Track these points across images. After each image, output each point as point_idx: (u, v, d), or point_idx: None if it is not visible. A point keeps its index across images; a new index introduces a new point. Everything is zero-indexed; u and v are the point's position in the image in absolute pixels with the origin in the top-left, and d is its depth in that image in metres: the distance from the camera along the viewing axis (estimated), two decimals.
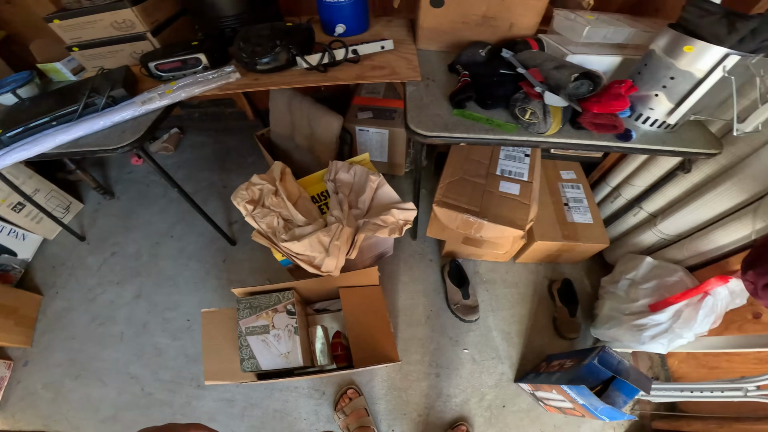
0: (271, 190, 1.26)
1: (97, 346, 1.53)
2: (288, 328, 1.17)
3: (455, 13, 1.22)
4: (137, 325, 1.58)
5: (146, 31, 1.31)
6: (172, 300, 1.62)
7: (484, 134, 1.02)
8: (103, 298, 1.65)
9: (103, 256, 1.77)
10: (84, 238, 1.85)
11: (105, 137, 1.08)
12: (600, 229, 1.48)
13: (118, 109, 1.12)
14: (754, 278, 0.85)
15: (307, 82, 1.21)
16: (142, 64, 1.25)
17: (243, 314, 1.19)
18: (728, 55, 0.83)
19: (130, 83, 1.24)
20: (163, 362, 1.48)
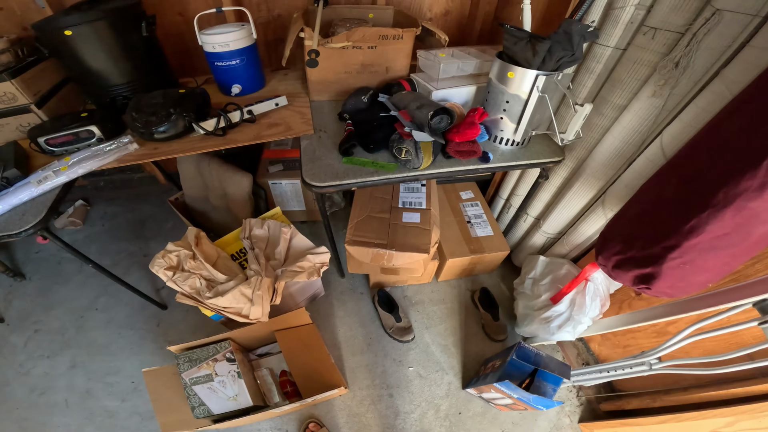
0: (188, 255, 1.29)
1: (44, 414, 1.47)
2: (231, 374, 1.25)
3: (337, 65, 1.37)
4: (80, 391, 1.53)
5: (30, 104, 1.28)
6: (111, 366, 1.59)
7: (370, 176, 1.13)
8: (36, 371, 1.59)
9: (26, 334, 1.69)
10: (2, 320, 1.75)
11: (5, 222, 1.05)
12: (500, 239, 1.65)
13: (14, 191, 1.08)
14: (604, 261, 1.00)
15: (207, 147, 1.25)
16: (30, 140, 1.20)
17: (184, 368, 1.23)
18: (538, 76, 1.01)
19: (21, 161, 1.19)
20: (117, 423, 1.45)
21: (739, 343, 0.98)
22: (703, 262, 0.77)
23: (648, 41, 0.95)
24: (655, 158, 1.00)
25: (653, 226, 0.84)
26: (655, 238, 0.82)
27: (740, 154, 0.66)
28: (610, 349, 1.45)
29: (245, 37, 1.39)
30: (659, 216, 0.82)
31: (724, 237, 0.71)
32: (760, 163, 0.61)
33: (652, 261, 0.84)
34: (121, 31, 1.27)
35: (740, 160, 0.65)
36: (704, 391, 1.05)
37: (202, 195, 1.79)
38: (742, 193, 0.65)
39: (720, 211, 0.68)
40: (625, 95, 1.05)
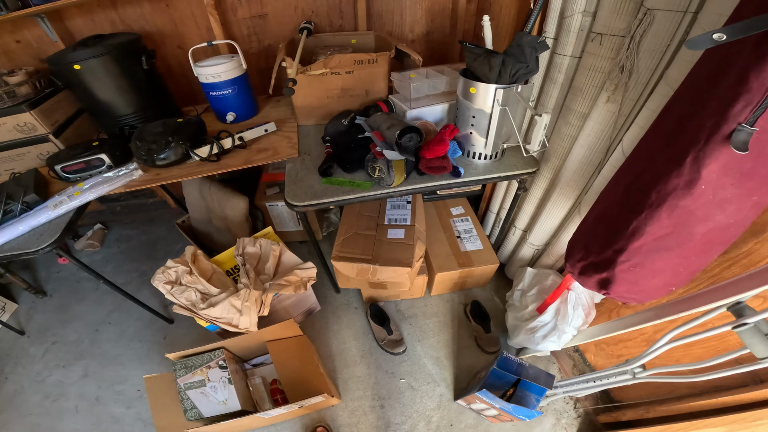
0: (185, 270, 1.40)
1: (55, 419, 1.57)
2: (222, 380, 1.32)
3: (318, 90, 1.45)
4: (90, 399, 1.62)
5: (48, 133, 1.41)
6: (120, 375, 1.69)
7: (347, 195, 1.19)
8: (51, 379, 1.70)
9: (44, 346, 1.82)
10: (23, 333, 1.89)
11: (25, 241, 1.17)
12: (489, 253, 1.66)
13: (33, 214, 1.21)
14: (571, 269, 1.01)
15: (203, 172, 1.35)
16: (48, 167, 1.33)
17: (180, 374, 1.32)
18: (497, 90, 1.05)
19: (41, 186, 1.32)
20: (122, 428, 1.53)
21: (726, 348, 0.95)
22: (651, 264, 0.77)
23: (597, 47, 0.98)
24: (619, 163, 0.99)
25: (606, 230, 0.85)
26: (608, 242, 0.83)
27: (669, 153, 0.67)
28: (605, 359, 1.42)
29: (235, 68, 1.49)
30: (610, 219, 0.84)
31: (666, 237, 0.72)
32: (684, 160, 0.63)
33: (606, 265, 0.85)
34: (124, 65, 1.39)
35: (669, 160, 0.67)
36: (697, 400, 1.02)
37: (205, 217, 1.90)
38: (671, 191, 0.66)
39: (655, 210, 0.70)
40: (586, 103, 1.08)
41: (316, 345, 1.68)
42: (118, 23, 1.55)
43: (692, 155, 0.61)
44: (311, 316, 1.81)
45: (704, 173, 0.60)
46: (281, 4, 1.61)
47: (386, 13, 1.71)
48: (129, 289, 1.54)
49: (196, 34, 1.64)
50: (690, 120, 0.64)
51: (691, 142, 0.62)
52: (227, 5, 1.58)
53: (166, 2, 1.53)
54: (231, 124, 1.60)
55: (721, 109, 0.56)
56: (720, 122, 0.56)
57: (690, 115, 0.64)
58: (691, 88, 0.66)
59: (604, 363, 1.43)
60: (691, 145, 0.61)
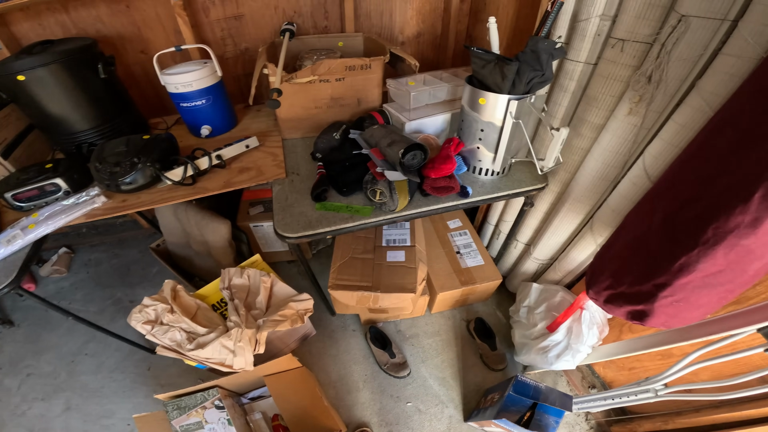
0: (165, 308, 1.25)
1: None
2: (221, 421, 1.22)
3: (305, 100, 1.31)
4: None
5: None
6: (105, 409, 1.57)
7: (345, 223, 1.06)
8: (31, 413, 1.58)
9: (19, 378, 1.69)
10: None
11: None
12: (491, 268, 1.58)
13: None
14: (595, 296, 0.94)
15: (176, 198, 1.19)
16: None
17: (173, 415, 1.20)
18: (510, 101, 0.95)
19: None
20: None
21: (749, 364, 0.92)
22: (696, 299, 0.71)
23: (617, 54, 0.90)
24: (640, 181, 0.94)
25: (642, 261, 0.77)
26: (645, 275, 0.76)
27: (728, 184, 0.59)
28: (615, 372, 1.39)
29: (209, 76, 1.33)
30: (647, 250, 0.76)
31: (718, 275, 0.65)
32: (751, 196, 0.55)
33: (643, 299, 0.78)
34: (77, 74, 1.21)
35: (728, 191, 0.59)
36: (718, 413, 0.99)
37: (183, 241, 1.74)
38: (733, 229, 0.59)
39: (711, 249, 0.62)
40: (602, 114, 1.00)
41: (314, 371, 1.58)
42: (70, 27, 1.36)
43: (762, 191, 0.53)
44: (307, 342, 1.69)
45: None
46: (259, 3, 1.46)
47: (375, 13, 1.59)
48: (104, 318, 1.48)
49: (163, 38, 1.46)
50: (753, 147, 0.56)
51: (758, 175, 0.54)
52: (198, 6, 1.41)
53: (126, 3, 1.35)
54: (207, 139, 1.44)
55: None
56: None
57: (753, 141, 0.56)
58: (750, 109, 0.58)
59: (615, 375, 1.39)
60: (760, 179, 0.53)
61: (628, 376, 1.32)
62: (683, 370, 0.87)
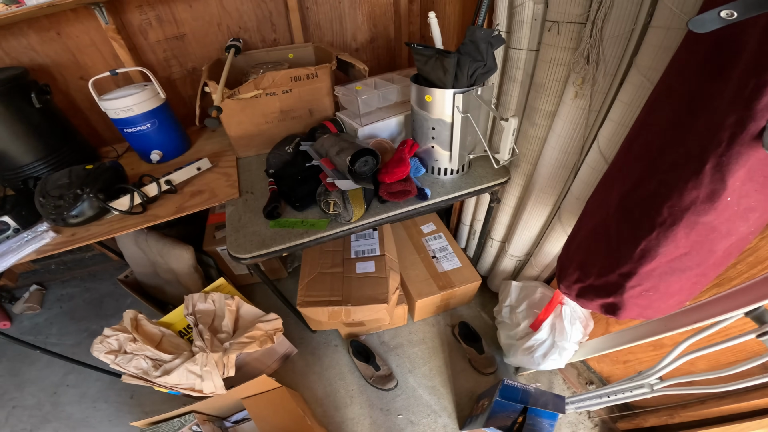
0: (127, 338, 1.21)
1: None
2: None
3: (254, 115, 1.26)
4: None
5: None
6: None
7: (300, 239, 1.00)
8: None
9: (5, 410, 1.68)
10: None
11: None
12: (469, 269, 1.53)
13: None
14: (566, 290, 0.89)
15: (128, 228, 1.13)
16: None
17: None
18: (455, 95, 0.90)
19: None
20: None
21: (747, 350, 0.88)
22: (667, 287, 0.66)
23: (555, 37, 0.87)
24: (598, 165, 0.91)
25: (605, 250, 0.72)
26: (609, 264, 0.71)
27: (675, 159, 0.55)
28: (610, 366, 1.34)
29: (151, 98, 1.27)
30: (607, 237, 0.71)
31: (683, 258, 0.60)
32: (702, 168, 0.51)
33: (611, 290, 0.73)
34: (10, 105, 1.15)
35: (677, 166, 0.55)
36: (724, 404, 0.95)
37: (150, 270, 1.67)
38: (689, 206, 0.54)
39: (669, 230, 0.57)
40: (551, 100, 0.97)
41: (299, 390, 1.52)
42: (3, 57, 1.31)
43: (712, 162, 0.49)
44: (290, 360, 1.63)
45: (730, 182, 0.48)
46: (200, 22, 1.42)
47: (324, 22, 1.55)
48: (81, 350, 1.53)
49: (101, 62, 1.40)
50: (695, 116, 0.52)
51: (705, 145, 0.49)
52: (135, 29, 1.36)
53: (56, 30, 1.30)
54: (159, 164, 1.38)
55: (742, 103, 0.44)
56: (745, 119, 0.44)
57: (693, 110, 0.52)
58: (686, 78, 0.54)
59: (611, 369, 1.34)
60: (708, 148, 0.49)
61: (624, 370, 1.28)
62: (675, 361, 0.83)
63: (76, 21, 1.30)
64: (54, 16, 1.27)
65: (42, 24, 1.28)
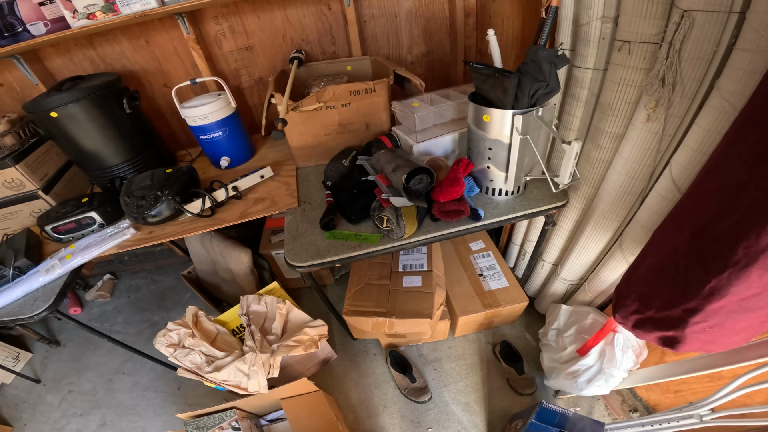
0: (187, 333, 1.31)
1: None
2: None
3: (314, 127, 1.32)
4: None
5: (37, 189, 1.29)
6: (137, 426, 1.64)
7: (353, 251, 1.04)
8: (69, 427, 1.67)
9: (60, 394, 1.81)
10: (39, 381, 1.89)
11: (20, 306, 1.10)
12: (517, 290, 1.50)
13: (26, 279, 1.13)
14: (622, 320, 0.86)
15: (197, 229, 1.23)
16: (40, 228, 1.23)
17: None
18: (514, 116, 0.88)
19: (33, 248, 1.24)
20: None
21: None
22: (733, 324, 0.62)
23: (625, 57, 0.83)
24: (669, 194, 0.85)
25: (669, 284, 0.70)
26: (673, 299, 0.68)
27: (757, 197, 0.52)
28: (659, 395, 1.26)
29: (223, 107, 1.37)
30: (675, 272, 0.68)
31: (755, 298, 0.57)
32: None
33: (673, 324, 0.70)
34: (104, 109, 1.26)
35: (758, 205, 0.51)
36: None
37: (211, 269, 1.80)
38: (765, 248, 0.51)
39: (743, 270, 0.54)
40: (619, 122, 0.92)
41: (334, 395, 1.56)
42: (98, 62, 1.46)
43: None
44: (328, 365, 1.68)
45: None
46: (267, 33, 1.51)
47: (381, 35, 1.60)
48: (141, 340, 1.64)
49: (182, 70, 1.54)
50: None
51: None
52: (211, 39, 1.48)
53: (146, 38, 1.44)
54: (226, 170, 1.49)
55: None
56: None
57: None
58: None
59: (659, 398, 1.26)
60: None
61: (673, 399, 1.20)
62: (731, 394, 0.78)
63: (162, 30, 1.42)
64: (144, 24, 1.40)
65: (133, 32, 1.41)
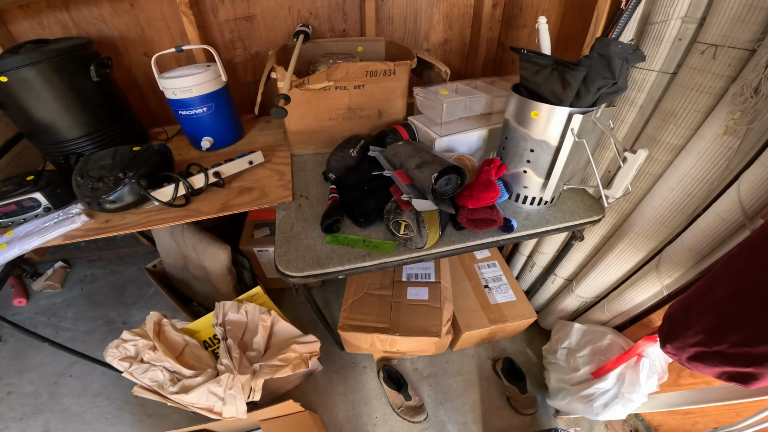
0: (147, 345, 1.11)
1: None
2: None
3: (319, 110, 1.14)
4: None
5: None
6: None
7: (362, 261, 0.86)
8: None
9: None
10: None
11: None
12: (524, 304, 1.40)
13: None
14: (675, 351, 0.76)
15: (167, 221, 1.02)
16: None
17: None
18: (572, 115, 0.76)
19: None
20: None
21: None
22: None
23: (707, 62, 0.74)
24: (730, 216, 0.77)
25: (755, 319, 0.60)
26: (757, 336, 0.59)
27: None
28: (664, 416, 1.21)
29: (211, 80, 1.18)
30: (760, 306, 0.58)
31: None
32: None
33: (753, 361, 0.60)
34: (66, 76, 1.08)
35: None
36: None
37: (180, 263, 1.57)
38: None
39: None
40: (681, 132, 0.83)
41: (319, 411, 1.41)
42: (71, 27, 1.24)
43: None
44: (312, 377, 1.52)
45: None
46: (272, 3, 1.31)
47: (398, 17, 1.43)
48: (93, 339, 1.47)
49: (168, 39, 1.32)
50: None
51: None
52: (206, 5, 1.27)
53: (130, 1, 1.22)
54: (208, 152, 1.29)
55: None
56: None
57: None
58: None
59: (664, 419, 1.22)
60: None
61: (680, 421, 1.16)
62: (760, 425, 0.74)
63: None
64: None
65: None
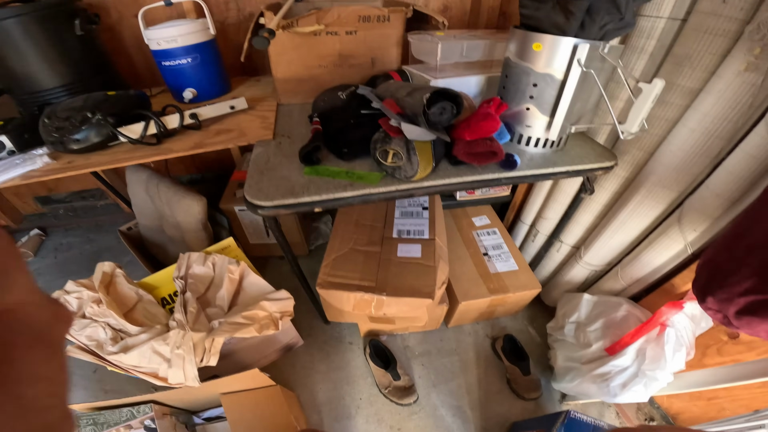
0: (92, 297, 1.01)
1: None
2: None
3: (308, 56, 1.08)
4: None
5: None
6: None
7: (343, 192, 0.78)
8: None
9: None
10: None
11: None
12: (527, 274, 1.30)
13: None
14: (719, 306, 0.65)
15: (133, 159, 0.96)
16: None
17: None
18: (577, 46, 0.70)
19: None
20: None
21: None
22: None
23: (718, 5, 0.69)
24: (762, 153, 0.68)
25: None
26: None
27: None
28: (686, 402, 1.11)
29: (198, 32, 1.14)
30: None
31: None
32: None
33: None
34: (49, 29, 1.07)
35: None
36: None
37: (156, 224, 1.49)
38: None
39: None
40: (698, 75, 0.76)
41: (297, 391, 1.30)
42: None
43: None
44: (291, 353, 1.41)
45: None
46: None
47: None
48: None
49: None
50: None
51: None
52: None
53: None
54: (190, 104, 1.22)
55: None
56: None
57: None
58: None
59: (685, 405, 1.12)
60: None
61: (704, 409, 1.06)
62: None
63: None
64: None
65: None
